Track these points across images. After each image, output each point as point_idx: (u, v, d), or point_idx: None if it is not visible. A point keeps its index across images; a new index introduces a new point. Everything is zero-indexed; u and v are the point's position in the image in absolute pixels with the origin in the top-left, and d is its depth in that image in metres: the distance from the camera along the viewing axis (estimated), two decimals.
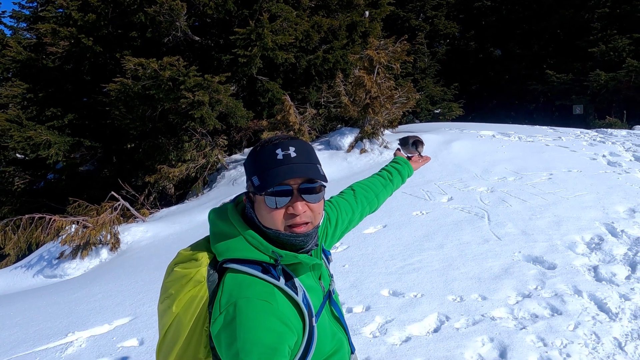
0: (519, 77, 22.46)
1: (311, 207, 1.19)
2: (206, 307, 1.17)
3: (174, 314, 1.18)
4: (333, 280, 1.41)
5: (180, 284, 1.18)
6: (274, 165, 1.16)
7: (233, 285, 1.14)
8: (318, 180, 1.18)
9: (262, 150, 1.20)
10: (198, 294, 1.17)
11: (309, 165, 1.19)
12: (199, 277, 1.18)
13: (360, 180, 1.83)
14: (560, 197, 5.95)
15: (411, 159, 2.04)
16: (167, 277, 1.23)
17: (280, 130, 8.91)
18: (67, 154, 9.61)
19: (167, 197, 10.47)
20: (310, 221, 1.20)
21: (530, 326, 3.36)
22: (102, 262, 6.51)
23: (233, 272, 1.17)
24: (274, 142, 1.20)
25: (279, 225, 1.17)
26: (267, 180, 1.14)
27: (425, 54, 22.26)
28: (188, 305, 1.16)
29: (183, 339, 1.17)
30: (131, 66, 7.72)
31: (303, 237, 1.19)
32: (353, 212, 1.68)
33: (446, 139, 9.15)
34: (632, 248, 4.47)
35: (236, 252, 1.18)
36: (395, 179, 1.88)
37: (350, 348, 1.41)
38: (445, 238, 5.05)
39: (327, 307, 1.32)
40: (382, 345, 3.30)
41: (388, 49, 9.29)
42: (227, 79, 8.43)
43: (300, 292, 1.19)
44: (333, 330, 1.31)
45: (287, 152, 1.17)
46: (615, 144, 9.08)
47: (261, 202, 1.18)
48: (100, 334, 3.87)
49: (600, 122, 17.17)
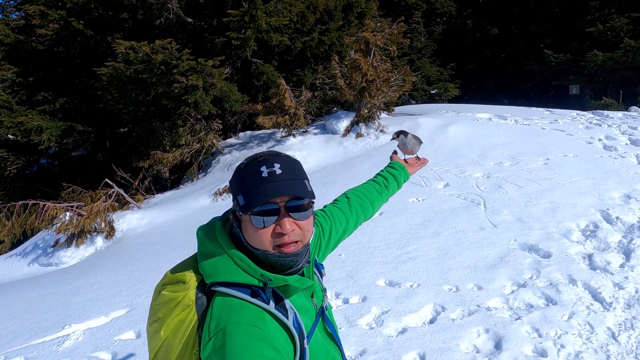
0: (515, 56, 22.29)
1: (300, 225, 1.15)
2: (195, 331, 1.14)
3: (162, 338, 1.15)
4: (326, 295, 1.38)
5: (168, 308, 1.15)
6: (259, 183, 1.12)
7: (222, 310, 1.11)
8: (305, 197, 1.15)
9: (246, 168, 1.17)
10: (187, 317, 1.14)
11: (296, 182, 1.15)
12: (187, 301, 1.15)
13: (354, 187, 1.79)
14: (556, 182, 5.95)
15: (407, 163, 1.98)
16: (155, 299, 1.20)
17: (276, 114, 8.82)
18: (60, 139, 9.49)
19: (162, 181, 10.41)
20: (300, 240, 1.16)
21: (525, 316, 3.38)
22: (97, 250, 6.49)
23: (222, 296, 1.14)
24: (259, 159, 1.17)
25: (266, 245, 1.14)
26: (252, 200, 1.11)
27: (422, 34, 21.97)
28: (177, 329, 1.14)
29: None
30: (122, 50, 7.56)
31: (292, 256, 1.16)
32: (347, 222, 1.64)
33: (442, 122, 9.09)
34: (626, 235, 4.49)
35: (224, 275, 1.14)
36: (391, 185, 1.84)
37: None
38: (442, 226, 5.05)
39: (320, 324, 1.30)
40: (378, 337, 3.31)
41: (384, 31, 9.14)
42: (221, 62, 8.29)
43: (290, 314, 1.16)
44: (326, 348, 1.29)
45: (272, 169, 1.13)
46: (612, 126, 9.06)
47: (247, 222, 1.14)
48: (97, 327, 3.87)
49: (596, 103, 17.13)
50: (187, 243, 5.54)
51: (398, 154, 2.07)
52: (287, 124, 8.84)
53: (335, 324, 1.41)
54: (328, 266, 4.40)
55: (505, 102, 21.56)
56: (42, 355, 3.52)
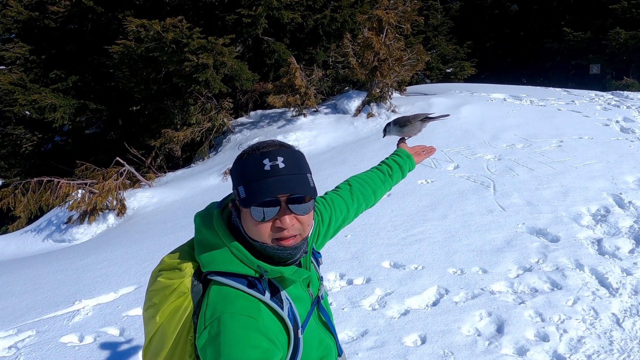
0: (534, 34, 21.69)
1: (300, 220, 1.14)
2: (190, 318, 1.15)
3: (157, 323, 1.16)
4: (322, 284, 1.38)
5: (163, 294, 1.16)
6: (260, 176, 1.10)
7: (218, 299, 1.12)
8: (307, 194, 1.13)
9: (248, 159, 1.14)
10: (182, 304, 1.15)
11: (298, 177, 1.13)
12: (183, 288, 1.15)
13: (358, 174, 1.75)
14: (568, 165, 5.85)
15: (414, 151, 1.90)
16: (151, 285, 1.21)
17: (286, 93, 8.76)
18: (73, 117, 9.58)
19: (174, 160, 10.50)
20: (299, 233, 1.15)
21: (529, 301, 3.37)
22: (109, 227, 6.61)
23: (218, 285, 1.15)
24: (262, 150, 1.14)
25: (265, 238, 1.13)
26: (253, 194, 1.09)
27: (439, 10, 21.47)
28: (172, 316, 1.15)
29: (168, 349, 1.17)
30: (133, 28, 7.54)
31: (291, 249, 1.15)
32: (348, 210, 1.61)
33: (455, 102, 8.95)
34: (638, 220, 4.41)
35: (221, 265, 1.14)
36: (395, 174, 1.78)
37: (338, 351, 1.40)
38: (449, 208, 5.01)
39: (315, 313, 1.30)
40: (380, 318, 3.34)
41: (398, 8, 8.95)
42: (231, 40, 8.21)
43: (286, 305, 1.17)
44: (320, 336, 1.30)
45: (275, 163, 1.11)
46: (631, 108, 8.82)
47: (247, 213, 1.13)
48: (106, 302, 3.97)
49: (617, 83, 16.67)
50: None
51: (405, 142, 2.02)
52: (298, 104, 8.78)
53: (330, 313, 1.42)
54: (334, 247, 4.42)
55: (523, 82, 21.07)
56: (53, 329, 3.63)
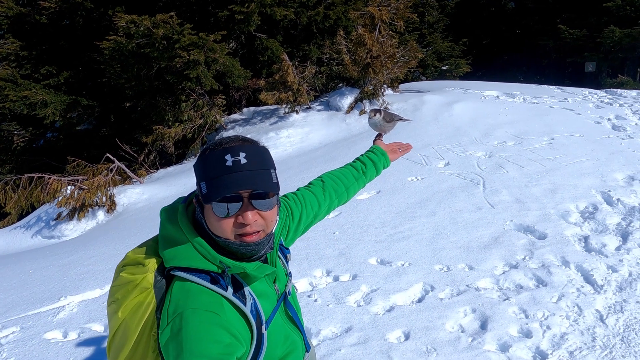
0: (531, 32, 21.72)
1: (263, 215, 1.13)
2: (154, 313, 1.15)
3: (120, 319, 1.16)
4: (290, 280, 1.37)
5: (126, 290, 1.15)
6: (222, 172, 1.09)
7: (180, 295, 1.11)
8: (269, 190, 1.12)
9: (211, 154, 1.13)
10: (145, 300, 1.14)
11: (261, 173, 1.12)
12: (146, 284, 1.14)
13: (331, 171, 1.73)
14: (559, 163, 5.85)
15: (390, 149, 1.89)
16: (114, 280, 1.20)
17: (279, 90, 8.73)
18: (64, 114, 9.53)
19: (167, 156, 10.46)
20: (262, 229, 1.14)
21: (514, 297, 3.37)
22: (99, 223, 6.58)
23: (180, 280, 1.14)
24: (224, 145, 1.13)
25: (228, 234, 1.12)
26: (214, 190, 1.08)
27: (434, 7, 21.45)
28: (134, 311, 1.14)
29: (131, 344, 1.16)
30: (123, 23, 7.49)
31: (254, 245, 1.14)
32: (319, 206, 1.60)
33: (448, 100, 8.94)
34: (626, 218, 4.42)
35: (183, 261, 1.14)
36: (369, 171, 1.77)
37: (306, 347, 1.39)
38: (438, 205, 5.01)
39: (281, 309, 1.29)
40: (365, 314, 3.33)
41: (390, 5, 8.93)
42: (223, 36, 8.18)
43: (249, 301, 1.16)
44: (287, 332, 1.29)
45: (237, 159, 1.10)
46: (623, 106, 8.85)
47: (210, 210, 1.12)
48: (92, 299, 3.95)
49: (611, 81, 16.71)
50: None
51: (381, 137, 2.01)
52: (290, 100, 8.76)
53: (298, 309, 1.41)
54: (321, 243, 4.41)
55: (520, 80, 21.11)
56: (37, 325, 3.61)
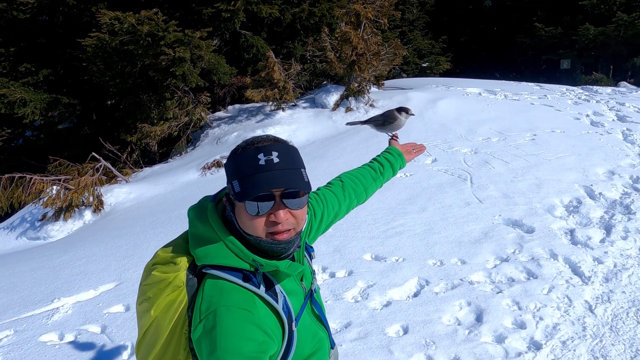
0: (508, 29, 22.10)
1: (294, 214, 1.15)
2: (185, 311, 1.16)
3: (152, 317, 1.17)
4: (315, 278, 1.40)
5: (158, 288, 1.16)
6: (255, 171, 1.11)
7: (213, 292, 1.13)
8: (302, 189, 1.14)
9: (243, 153, 1.15)
10: (177, 298, 1.15)
11: (293, 172, 1.15)
12: (178, 282, 1.16)
13: (349, 171, 1.76)
14: (542, 158, 6.02)
15: (405, 149, 1.93)
16: (145, 279, 1.21)
17: (265, 87, 8.72)
18: (45, 112, 9.32)
19: (150, 155, 10.34)
20: (293, 227, 1.17)
21: (507, 290, 3.48)
22: (85, 224, 6.49)
23: (213, 278, 1.15)
24: (256, 144, 1.15)
25: (260, 232, 1.14)
26: (248, 188, 1.10)
27: (414, 5, 21.63)
28: (167, 309, 1.16)
29: (162, 342, 1.17)
30: (107, 20, 7.37)
31: (285, 244, 1.16)
32: (340, 206, 1.63)
33: (432, 97, 9.07)
34: (608, 211, 4.59)
35: (216, 259, 1.15)
36: (387, 171, 1.82)
37: (330, 344, 1.42)
38: (428, 201, 5.11)
39: (308, 306, 1.32)
40: (363, 310, 3.39)
41: (375, 2, 9.00)
42: (208, 34, 8.12)
43: (280, 299, 1.18)
44: (314, 330, 1.31)
45: (270, 158, 1.12)
46: (600, 102, 9.12)
47: (242, 208, 1.14)
48: (86, 300, 3.91)
49: (586, 78, 17.15)
50: (175, 217, 5.55)
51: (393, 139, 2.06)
52: (276, 98, 8.76)
53: (323, 306, 1.43)
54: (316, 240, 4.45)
55: (496, 76, 21.49)
56: (32, 328, 3.56)
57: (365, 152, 6.97)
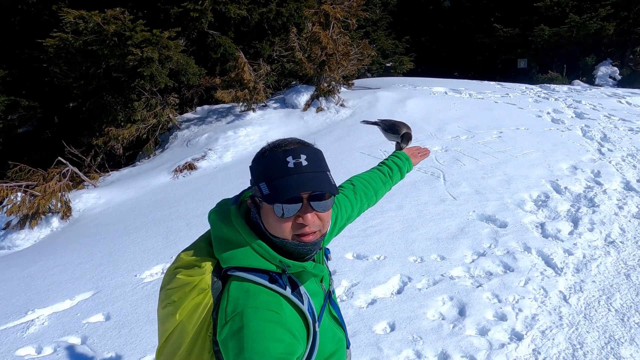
0: (467, 30, 22.72)
1: (320, 217, 1.17)
2: (210, 314, 1.16)
3: (177, 321, 1.17)
4: (332, 279, 1.42)
5: (183, 292, 1.16)
6: (284, 174, 1.12)
7: (239, 294, 1.13)
8: (330, 191, 1.16)
9: (271, 156, 1.16)
10: (202, 301, 1.16)
11: (320, 175, 1.16)
12: (204, 285, 1.16)
13: (360, 175, 1.79)
14: (509, 155, 6.24)
15: (411, 153, 1.98)
16: (168, 283, 1.21)
17: (235, 88, 8.64)
18: (3, 115, 8.91)
19: (115, 158, 10.04)
20: (319, 230, 1.18)
21: (486, 284, 3.60)
22: (53, 231, 6.25)
23: (238, 280, 1.16)
24: (284, 147, 1.16)
25: (286, 234, 1.16)
26: (277, 191, 1.11)
27: (377, 5, 21.91)
28: (192, 313, 1.16)
29: (186, 345, 1.17)
30: (70, 19, 7.12)
31: (310, 245, 1.18)
32: (352, 209, 1.66)
33: (401, 96, 9.24)
34: (574, 204, 4.82)
35: (242, 261, 1.16)
36: (395, 175, 1.85)
37: (347, 343, 1.45)
38: (404, 199, 5.21)
39: (327, 307, 1.34)
40: (349, 308, 3.44)
41: (344, 3, 9.08)
42: (177, 33, 7.97)
43: (305, 300, 1.20)
44: (334, 330, 1.34)
45: (299, 161, 1.14)
46: (558, 100, 9.52)
47: (269, 210, 1.15)
48: (63, 310, 3.78)
49: (542, 77, 17.86)
50: (150, 222, 5.44)
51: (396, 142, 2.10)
52: (247, 98, 8.70)
53: (339, 306, 1.46)
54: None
55: (455, 75, 22.06)
56: (7, 342, 3.42)
57: (339, 152, 7.04)
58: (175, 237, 4.96)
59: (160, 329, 1.24)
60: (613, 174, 5.45)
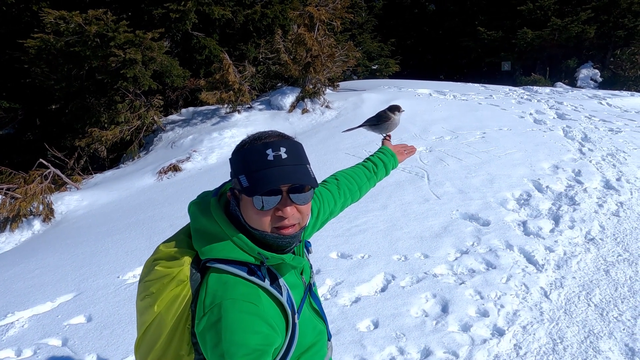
0: (452, 33, 22.96)
1: (300, 209, 1.17)
2: (189, 306, 1.16)
3: (155, 312, 1.16)
4: (313, 272, 1.42)
5: (161, 283, 1.16)
6: (264, 166, 1.12)
7: (217, 286, 1.13)
8: (309, 184, 1.16)
9: (251, 148, 1.16)
10: (181, 293, 1.15)
11: (300, 167, 1.16)
12: (182, 277, 1.16)
13: (344, 170, 1.79)
14: (492, 155, 6.31)
15: (397, 150, 1.98)
16: (147, 275, 1.20)
17: (220, 89, 8.61)
18: None
19: (99, 161, 9.94)
20: (298, 222, 1.19)
21: (469, 281, 3.64)
22: (35, 234, 6.16)
23: (217, 272, 1.16)
24: (264, 140, 1.16)
25: (266, 226, 1.16)
26: (256, 183, 1.11)
27: (363, 8, 22.05)
28: (170, 304, 1.15)
29: (165, 337, 1.17)
30: (51, 20, 7.03)
31: (290, 238, 1.18)
32: (335, 203, 1.66)
33: (386, 98, 9.29)
34: (555, 203, 4.89)
35: (221, 252, 1.16)
36: (380, 171, 1.85)
37: (328, 335, 1.45)
38: (389, 198, 5.24)
39: (307, 300, 1.34)
40: (333, 307, 3.44)
41: (328, 5, 9.12)
42: (160, 35, 7.92)
43: (284, 291, 1.20)
44: (314, 322, 1.34)
45: (278, 153, 1.13)
46: (540, 101, 9.66)
47: (248, 202, 1.15)
48: (44, 313, 3.73)
49: (525, 79, 18.10)
50: (134, 224, 5.38)
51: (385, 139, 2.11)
52: (232, 100, 8.68)
53: (320, 299, 1.46)
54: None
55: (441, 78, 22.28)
56: None
57: (324, 153, 7.05)
58: (159, 238, 4.91)
59: (138, 321, 1.23)
60: (593, 173, 5.54)
